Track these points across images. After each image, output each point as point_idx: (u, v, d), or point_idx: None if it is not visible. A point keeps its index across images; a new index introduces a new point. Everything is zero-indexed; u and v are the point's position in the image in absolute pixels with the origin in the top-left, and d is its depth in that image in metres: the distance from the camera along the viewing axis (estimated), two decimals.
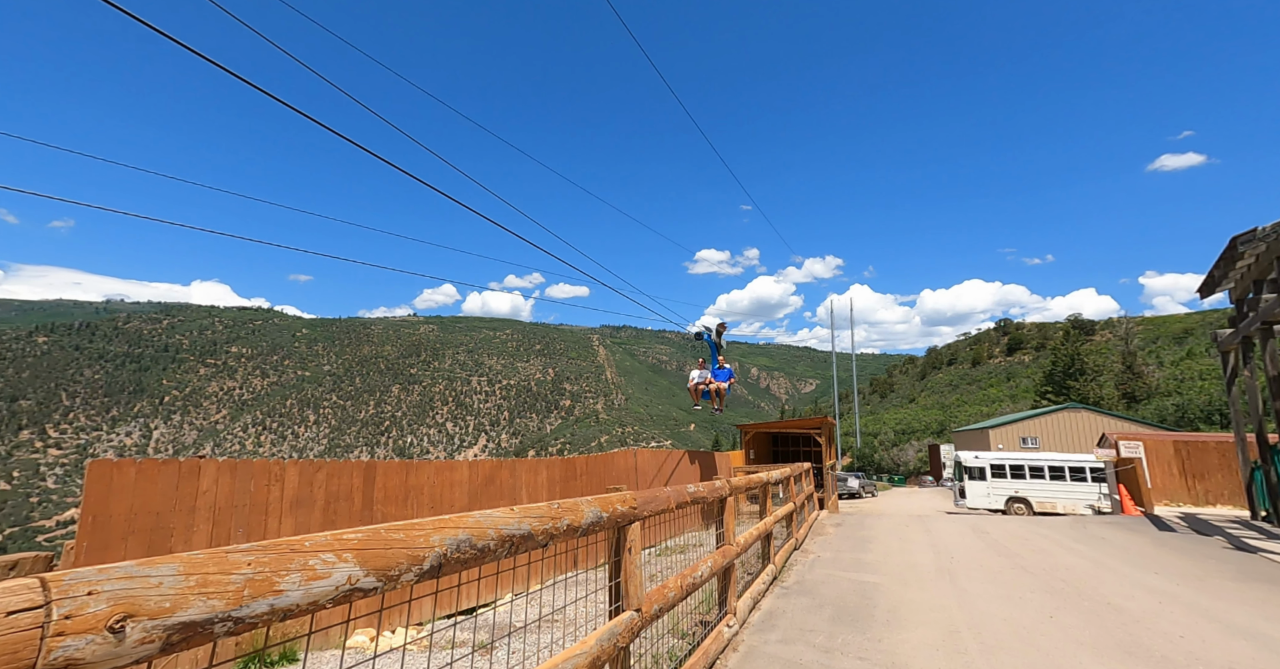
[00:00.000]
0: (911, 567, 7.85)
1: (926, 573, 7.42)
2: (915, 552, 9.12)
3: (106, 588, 0.89)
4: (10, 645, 0.76)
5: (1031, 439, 40.52)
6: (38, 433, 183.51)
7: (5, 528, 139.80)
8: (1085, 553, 9.03)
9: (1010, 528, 12.42)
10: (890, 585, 6.66)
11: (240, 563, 1.12)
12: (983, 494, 20.11)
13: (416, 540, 1.57)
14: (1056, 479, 19.30)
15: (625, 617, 2.67)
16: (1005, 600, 5.99)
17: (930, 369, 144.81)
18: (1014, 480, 19.80)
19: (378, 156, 5.95)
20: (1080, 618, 5.33)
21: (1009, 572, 7.53)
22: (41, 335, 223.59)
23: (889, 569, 7.64)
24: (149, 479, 4.84)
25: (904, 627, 5.03)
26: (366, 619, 5.86)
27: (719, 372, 13.03)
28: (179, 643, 0.99)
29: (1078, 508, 18.71)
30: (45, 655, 0.79)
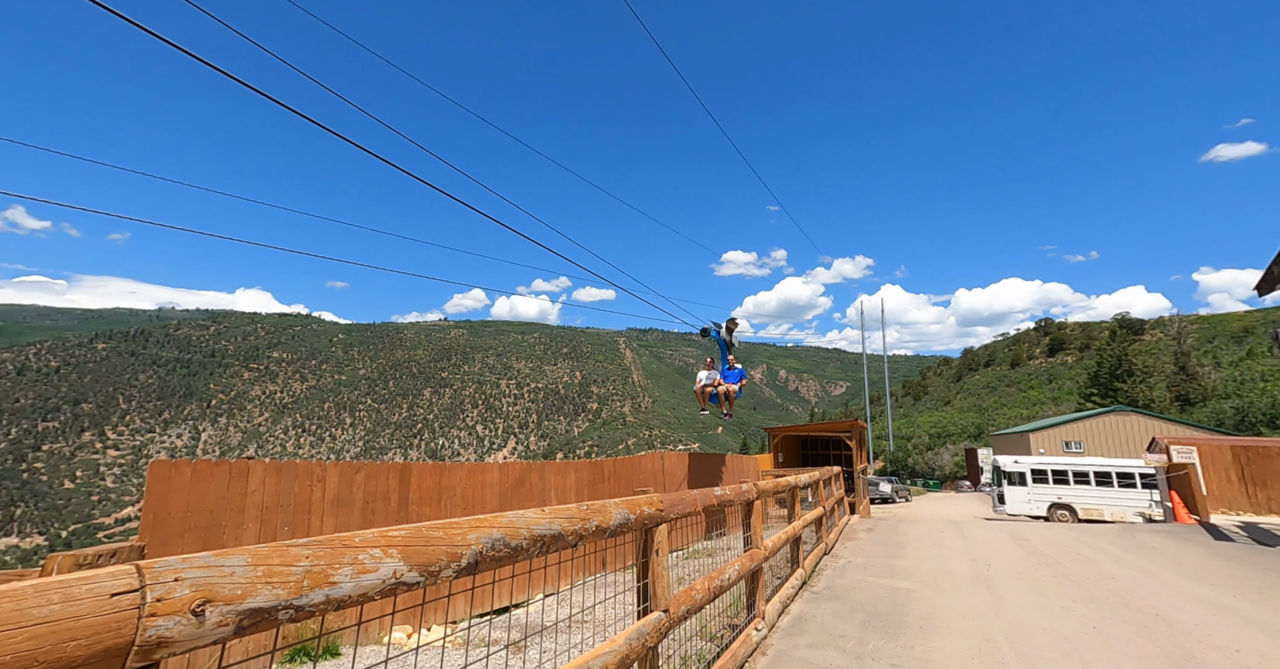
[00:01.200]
0: (946, 573, 7.67)
1: (962, 580, 7.24)
2: (950, 558, 8.90)
3: (189, 575, 1.00)
4: (114, 623, 0.87)
5: (1076, 443, 38.89)
6: (98, 435, 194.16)
7: (70, 524, 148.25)
8: (1133, 562, 8.65)
9: (1052, 535, 11.98)
10: (924, 592, 6.53)
11: (299, 556, 1.23)
12: (1023, 500, 19.42)
13: (455, 539, 1.67)
14: (1103, 485, 18.50)
15: (653, 617, 2.73)
16: (1045, 610, 5.81)
17: (966, 371, 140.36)
18: (1057, 486, 19.06)
19: (414, 176, 6.17)
20: (1126, 629, 5.14)
21: (1050, 580, 7.28)
22: (101, 342, 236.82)
23: (923, 575, 7.49)
24: (203, 479, 5.12)
25: (938, 634, 4.94)
26: (404, 616, 6.06)
27: (729, 372, 11.80)
28: (249, 627, 1.09)
29: (1126, 516, 17.90)
30: (142, 633, 0.90)
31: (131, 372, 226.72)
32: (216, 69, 4.41)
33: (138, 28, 3.99)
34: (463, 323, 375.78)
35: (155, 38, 4.08)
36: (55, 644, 0.80)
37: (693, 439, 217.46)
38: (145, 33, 4.06)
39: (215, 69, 4.40)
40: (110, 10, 3.82)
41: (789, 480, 6.13)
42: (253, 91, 4.57)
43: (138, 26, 4.02)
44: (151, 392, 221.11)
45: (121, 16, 3.93)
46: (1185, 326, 70.40)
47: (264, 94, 4.71)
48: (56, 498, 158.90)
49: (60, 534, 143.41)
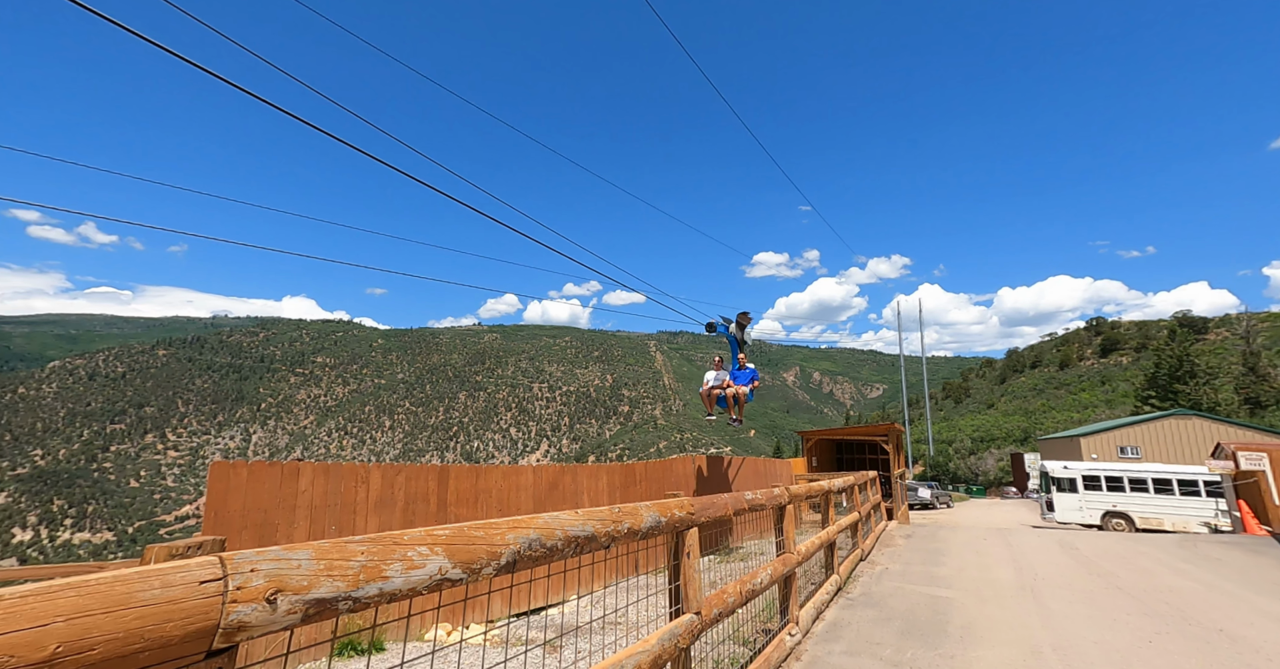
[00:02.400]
0: (990, 582, 7.42)
1: (1007, 589, 7.00)
2: (994, 566, 8.60)
3: (263, 567, 1.12)
4: (203, 607, 0.98)
5: (1132, 448, 36.87)
6: (159, 436, 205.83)
7: (135, 521, 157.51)
8: (1195, 574, 8.19)
9: (1105, 544, 11.42)
10: (965, 601, 6.35)
11: (356, 552, 1.34)
12: (1074, 507, 18.55)
13: (494, 538, 1.76)
14: (1163, 493, 17.50)
15: (685, 619, 2.77)
16: (1097, 622, 5.57)
17: (1011, 372, 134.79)
18: (1111, 493, 18.13)
19: (450, 196, 6.41)
20: (1186, 644, 4.89)
21: (1102, 591, 6.97)
22: (161, 349, 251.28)
23: (964, 584, 7.27)
24: (258, 479, 5.42)
25: (980, 644, 4.80)
26: (445, 615, 6.25)
27: (739, 373, 10.60)
28: (314, 616, 1.20)
29: (1190, 525, 16.88)
30: (225, 617, 1.01)
31: (189, 376, 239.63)
32: (281, 110, 4.70)
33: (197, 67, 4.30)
34: (496, 327, 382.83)
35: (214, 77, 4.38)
36: (158, 623, 0.91)
37: (724, 442, 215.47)
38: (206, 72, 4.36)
39: (281, 110, 4.69)
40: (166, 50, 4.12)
41: (822, 485, 6.06)
42: (310, 127, 4.85)
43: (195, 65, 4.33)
44: (207, 395, 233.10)
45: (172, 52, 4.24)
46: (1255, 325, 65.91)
47: (321, 130, 4.98)
48: (123, 496, 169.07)
49: (127, 530, 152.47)
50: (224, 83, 4.27)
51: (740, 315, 10.81)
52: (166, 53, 4.05)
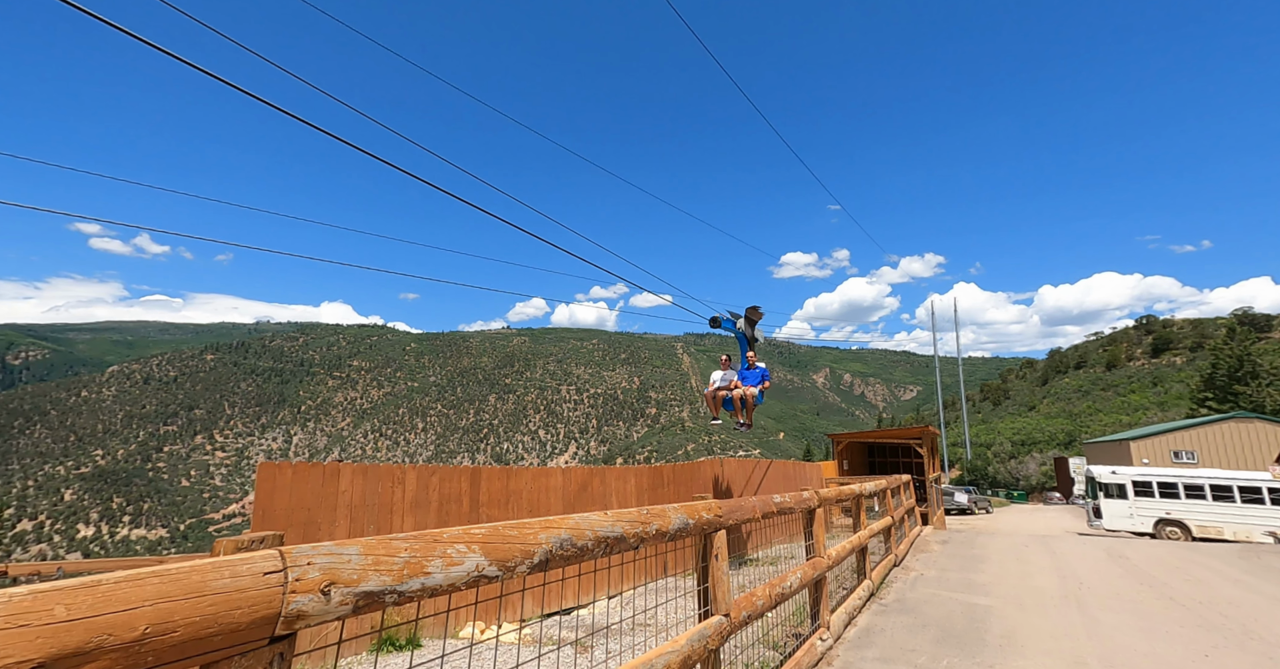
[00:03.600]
0: (1032, 590, 7.18)
1: (1049, 598, 6.76)
2: (1036, 574, 8.31)
3: (318, 561, 1.20)
4: (266, 597, 1.07)
5: (1187, 453, 35.00)
6: (208, 437, 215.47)
7: (187, 519, 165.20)
8: (1257, 586, 7.74)
9: (1157, 553, 10.89)
10: (1005, 609, 6.16)
11: (400, 548, 1.42)
12: (1123, 515, 17.73)
13: (527, 538, 1.83)
14: (1222, 500, 16.57)
15: (714, 620, 2.79)
16: (1147, 633, 5.34)
17: (1054, 373, 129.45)
18: (1164, 500, 17.26)
19: (481, 209, 6.59)
20: (1246, 659, 4.64)
21: (1153, 601, 6.66)
22: (209, 353, 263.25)
23: (1004, 592, 7.05)
24: (302, 480, 5.66)
25: (1020, 654, 4.67)
26: (478, 613, 6.40)
27: (748, 373, 9.65)
28: (363, 608, 1.29)
29: (1253, 535, 15.95)
30: (286, 606, 1.10)
31: (234, 380, 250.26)
32: (321, 130, 4.93)
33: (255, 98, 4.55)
34: (524, 330, 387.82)
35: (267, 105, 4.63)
36: (228, 610, 1.00)
37: (753, 445, 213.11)
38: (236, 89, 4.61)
39: (320, 130, 4.92)
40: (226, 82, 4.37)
41: (853, 488, 5.98)
42: (349, 146, 5.07)
43: (255, 97, 4.58)
44: (251, 398, 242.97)
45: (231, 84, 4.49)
46: None
47: (362, 150, 5.20)
48: (175, 495, 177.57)
49: (179, 527, 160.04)
50: (275, 109, 4.51)
51: (750, 310, 9.95)
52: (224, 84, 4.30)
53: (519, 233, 7.55)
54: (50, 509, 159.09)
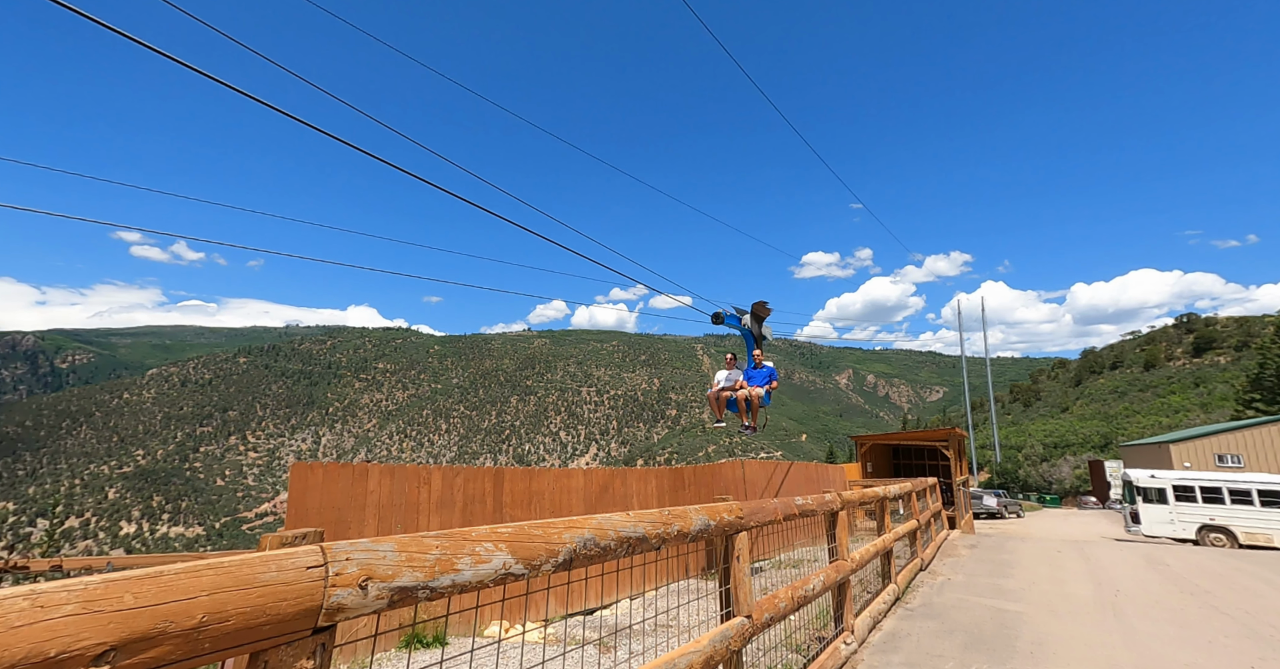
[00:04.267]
0: (1065, 597, 6.99)
1: (1083, 605, 6.57)
2: (1069, 580, 8.08)
3: (355, 557, 1.26)
4: (310, 589, 1.13)
5: (1233, 457, 33.55)
6: (241, 438, 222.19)
7: (221, 517, 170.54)
8: None
9: (1199, 560, 10.48)
10: (1036, 615, 6.01)
11: (431, 546, 1.48)
12: (1163, 520, 17.09)
13: (552, 537, 1.88)
14: (1272, 506, 15.86)
15: (736, 622, 2.81)
16: (1188, 643, 5.15)
17: (1087, 374, 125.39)
18: (1208, 505, 16.59)
19: (503, 217, 6.70)
20: None
21: (1195, 610, 6.42)
22: (242, 357, 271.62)
23: (1035, 598, 6.87)
24: (332, 480, 5.83)
25: (1052, 661, 4.55)
26: (501, 613, 6.49)
27: (754, 372, 9.07)
28: (398, 602, 1.34)
29: None
30: (327, 599, 1.16)
31: (265, 382, 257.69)
32: (356, 147, 5.09)
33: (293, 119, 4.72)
34: (545, 332, 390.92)
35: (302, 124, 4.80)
36: (275, 601, 1.06)
37: (775, 447, 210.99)
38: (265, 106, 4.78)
39: (353, 147, 5.08)
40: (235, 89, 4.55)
41: (876, 491, 5.91)
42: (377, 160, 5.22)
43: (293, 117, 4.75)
44: (282, 400, 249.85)
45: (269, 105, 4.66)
46: None
47: (391, 164, 5.35)
48: (211, 494, 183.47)
49: (214, 526, 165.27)
50: (311, 128, 4.67)
51: (756, 305, 9.35)
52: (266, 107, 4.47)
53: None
54: (95, 507, 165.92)
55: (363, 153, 4.94)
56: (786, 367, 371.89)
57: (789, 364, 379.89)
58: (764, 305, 9.31)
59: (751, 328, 9.31)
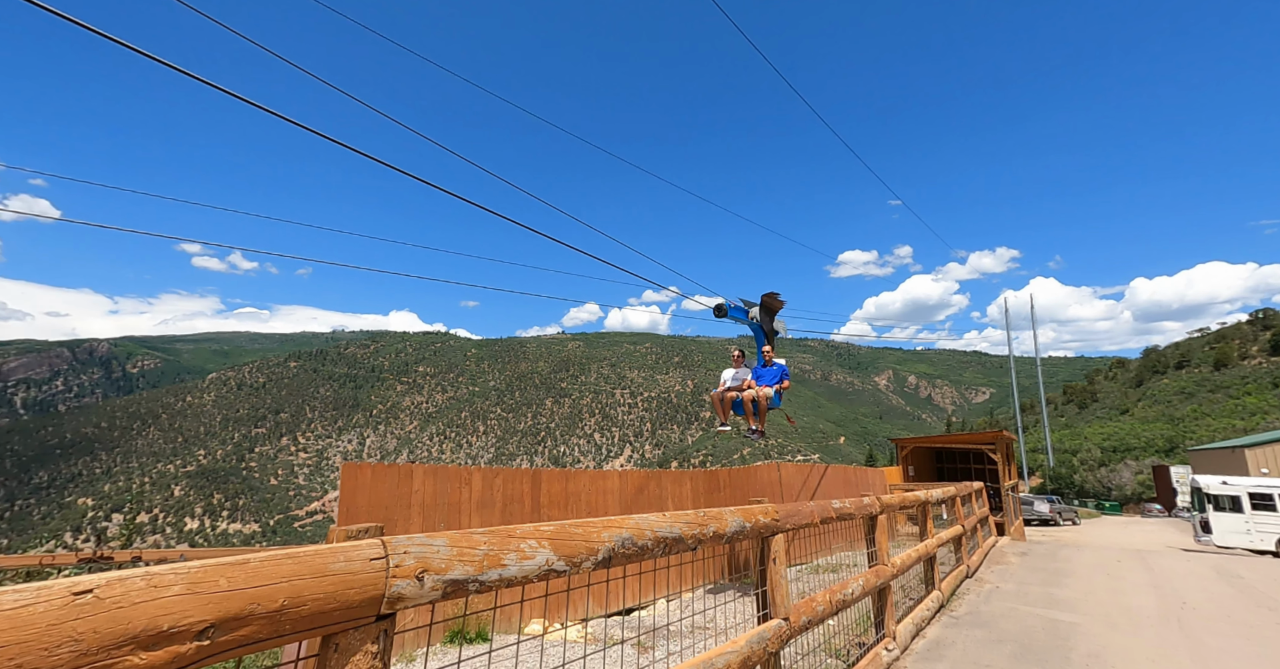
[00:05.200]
0: (1125, 609, 6.64)
1: (1145, 617, 6.23)
2: (1130, 591, 7.67)
3: (412, 550, 1.36)
4: (372, 579, 1.23)
5: None
6: (291, 439, 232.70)
7: (275, 515, 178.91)
8: None
9: (1279, 573, 9.75)
10: (1092, 627, 5.74)
11: (480, 542, 1.57)
12: (1238, 530, 15.98)
13: (591, 536, 1.95)
14: None
15: (773, 623, 2.82)
16: (1265, 661, 4.83)
17: (1150, 374, 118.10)
18: None
19: (546, 235, 6.85)
20: None
21: (1274, 627, 6.00)
22: (293, 361, 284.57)
23: (1091, 608, 6.56)
24: (379, 479, 6.09)
25: None
26: (540, 612, 6.63)
27: (763, 371, 8.26)
28: (450, 594, 1.44)
29: None
30: (389, 588, 1.26)
31: (314, 385, 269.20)
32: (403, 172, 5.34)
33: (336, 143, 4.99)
34: (579, 335, 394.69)
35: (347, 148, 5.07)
36: (344, 589, 1.16)
37: (812, 449, 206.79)
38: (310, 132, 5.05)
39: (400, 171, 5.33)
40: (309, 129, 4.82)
41: (918, 495, 5.77)
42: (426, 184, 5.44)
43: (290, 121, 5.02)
44: (329, 402, 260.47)
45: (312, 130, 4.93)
46: None
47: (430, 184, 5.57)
48: (265, 492, 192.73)
49: (269, 523, 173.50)
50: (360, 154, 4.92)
51: (767, 297, 8.40)
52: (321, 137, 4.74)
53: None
54: (162, 503, 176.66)
55: (408, 175, 5.15)
56: (823, 368, 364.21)
57: (825, 365, 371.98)
58: (775, 297, 8.36)
59: (761, 322, 8.41)
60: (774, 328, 8.50)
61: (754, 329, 8.59)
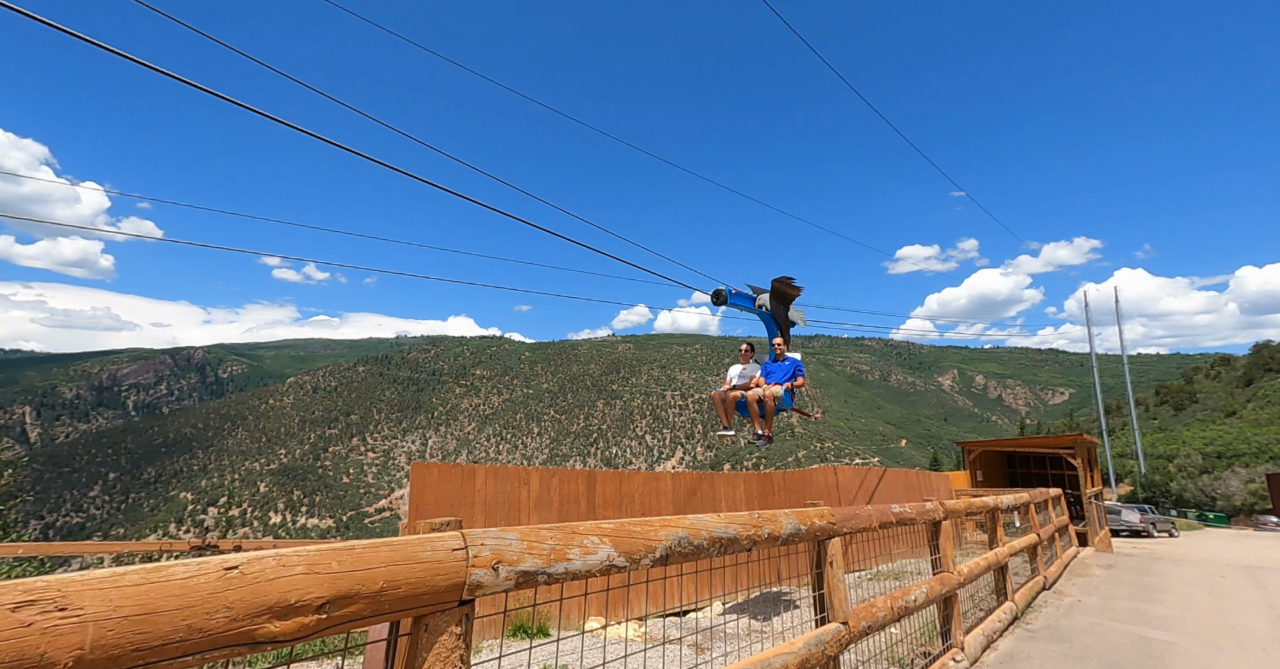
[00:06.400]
0: (1230, 629, 6.06)
1: (1256, 639, 5.67)
2: (1237, 610, 6.98)
3: (488, 543, 1.48)
4: (455, 568, 1.36)
5: None
6: (361, 440, 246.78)
7: (347, 511, 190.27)
8: None
9: None
10: (1191, 647, 5.29)
11: (546, 537, 1.68)
12: None
13: (649, 534, 2.03)
14: None
15: (832, 627, 2.80)
16: None
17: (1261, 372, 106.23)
18: None
19: (594, 249, 7.05)
20: None
21: None
22: (361, 365, 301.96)
23: (1191, 627, 6.03)
24: (445, 478, 6.43)
25: None
26: (597, 609, 6.79)
27: (774, 366, 7.34)
28: (522, 584, 1.55)
29: None
30: (469, 576, 1.38)
31: (380, 389, 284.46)
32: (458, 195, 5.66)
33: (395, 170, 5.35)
34: (629, 337, 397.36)
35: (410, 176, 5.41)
36: (431, 575, 1.29)
37: (871, 452, 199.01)
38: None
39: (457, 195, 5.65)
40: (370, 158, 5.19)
41: (985, 501, 5.51)
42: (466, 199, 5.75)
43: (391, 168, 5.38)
44: (394, 405, 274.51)
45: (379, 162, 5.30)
46: None
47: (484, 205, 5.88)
48: (338, 490, 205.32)
49: (342, 519, 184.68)
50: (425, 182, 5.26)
51: (778, 282, 7.41)
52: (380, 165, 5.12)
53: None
54: (250, 498, 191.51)
55: (462, 198, 5.45)
56: (881, 368, 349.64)
57: (884, 365, 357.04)
58: (789, 282, 7.41)
59: (773, 311, 7.48)
60: (790, 319, 7.63)
61: (764, 319, 7.74)
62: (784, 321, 7.58)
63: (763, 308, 7.51)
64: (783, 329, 7.57)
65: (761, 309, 7.52)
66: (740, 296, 7.41)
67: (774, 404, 6.96)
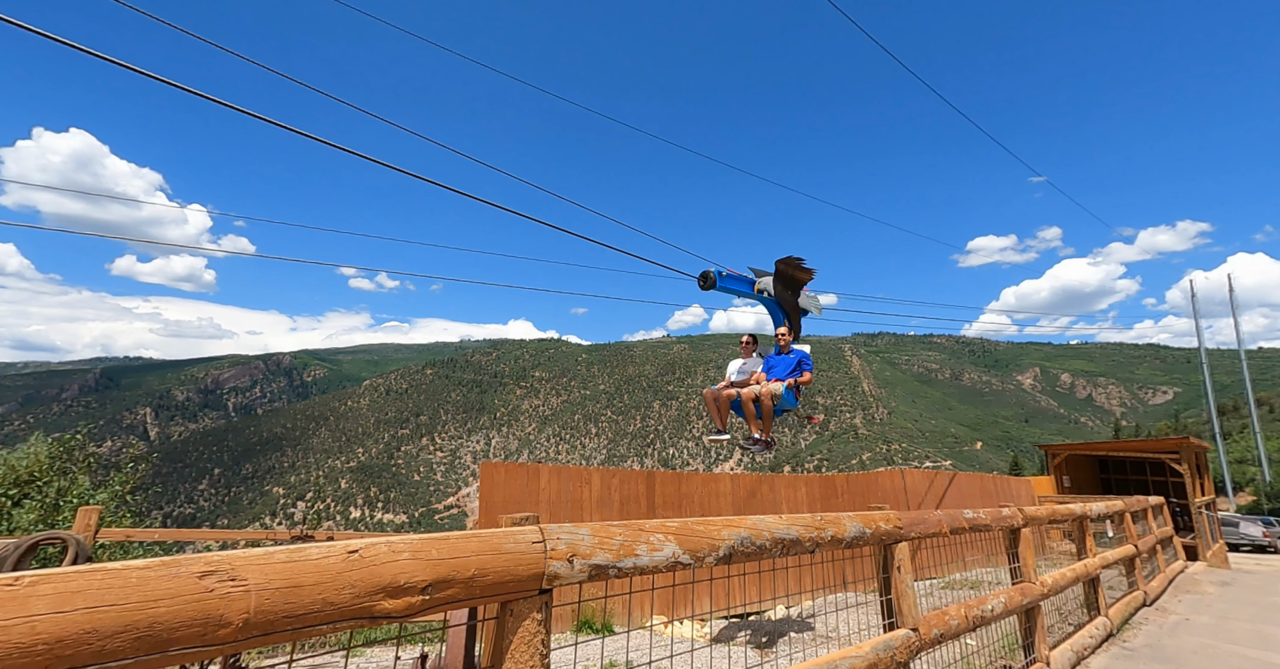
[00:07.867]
0: None
1: None
2: None
3: (563, 537, 1.60)
4: (534, 559, 1.48)
5: None
6: (430, 440, 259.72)
7: (419, 507, 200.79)
8: None
9: None
10: None
11: (615, 533, 1.77)
12: None
13: (713, 533, 2.09)
14: None
15: (901, 633, 2.75)
16: None
17: None
18: None
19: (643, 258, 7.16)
20: None
21: None
22: (429, 369, 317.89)
23: None
24: (511, 477, 6.72)
25: None
26: (661, 609, 6.88)
27: (778, 359, 6.35)
28: (594, 577, 1.65)
29: None
30: (547, 567, 1.50)
31: (446, 391, 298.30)
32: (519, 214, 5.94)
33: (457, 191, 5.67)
34: (684, 338, 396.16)
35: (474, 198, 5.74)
36: (514, 565, 1.42)
37: (942, 455, 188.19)
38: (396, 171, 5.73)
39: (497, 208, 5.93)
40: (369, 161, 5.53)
41: (1071, 508, 5.16)
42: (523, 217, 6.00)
43: (453, 189, 5.71)
44: (460, 406, 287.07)
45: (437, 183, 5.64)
46: None
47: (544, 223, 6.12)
48: (410, 487, 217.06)
49: (414, 514, 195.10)
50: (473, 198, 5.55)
51: (783, 263, 6.26)
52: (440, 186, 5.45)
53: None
54: (333, 494, 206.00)
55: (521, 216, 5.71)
56: (952, 366, 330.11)
57: (955, 363, 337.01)
58: (799, 264, 6.25)
59: (778, 297, 6.44)
60: (801, 306, 6.55)
61: (768, 306, 6.72)
62: (792, 309, 6.52)
63: (764, 293, 6.50)
64: (791, 318, 6.55)
65: (763, 293, 6.52)
66: (734, 279, 6.39)
67: (773, 403, 5.91)
